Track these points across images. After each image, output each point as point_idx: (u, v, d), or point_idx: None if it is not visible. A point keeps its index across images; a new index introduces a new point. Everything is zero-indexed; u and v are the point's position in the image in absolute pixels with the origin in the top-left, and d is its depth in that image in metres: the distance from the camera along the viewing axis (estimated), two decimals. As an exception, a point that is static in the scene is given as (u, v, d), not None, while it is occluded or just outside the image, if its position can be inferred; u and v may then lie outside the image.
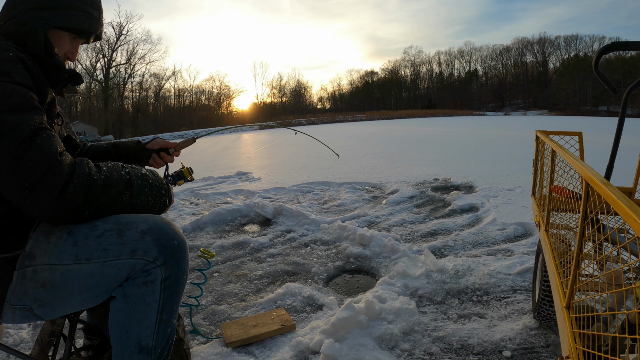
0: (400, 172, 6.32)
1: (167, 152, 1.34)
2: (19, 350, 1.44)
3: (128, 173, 0.96)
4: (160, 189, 1.02)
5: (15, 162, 0.79)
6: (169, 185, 1.07)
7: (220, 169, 8.11)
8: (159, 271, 0.94)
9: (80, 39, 1.10)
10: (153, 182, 1.00)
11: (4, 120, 0.80)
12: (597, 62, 1.57)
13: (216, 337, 1.79)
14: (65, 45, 1.06)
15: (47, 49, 0.98)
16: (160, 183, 1.03)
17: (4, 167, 0.80)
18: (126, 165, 0.99)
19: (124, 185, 0.93)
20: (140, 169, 1.01)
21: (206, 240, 3.24)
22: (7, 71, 0.85)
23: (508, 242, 2.91)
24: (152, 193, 0.99)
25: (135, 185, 0.95)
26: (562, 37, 61.26)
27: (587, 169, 0.80)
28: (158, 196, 1.01)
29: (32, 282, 0.88)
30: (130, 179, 0.95)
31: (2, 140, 0.79)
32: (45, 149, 0.83)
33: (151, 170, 1.05)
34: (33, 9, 0.98)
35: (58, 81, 1.02)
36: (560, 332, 0.91)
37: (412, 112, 51.26)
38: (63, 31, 1.04)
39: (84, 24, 1.05)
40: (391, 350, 1.61)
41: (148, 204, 0.99)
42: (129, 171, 0.97)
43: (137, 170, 0.99)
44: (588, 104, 49.43)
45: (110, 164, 0.95)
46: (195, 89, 59.94)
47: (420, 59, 70.92)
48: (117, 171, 0.94)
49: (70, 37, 1.06)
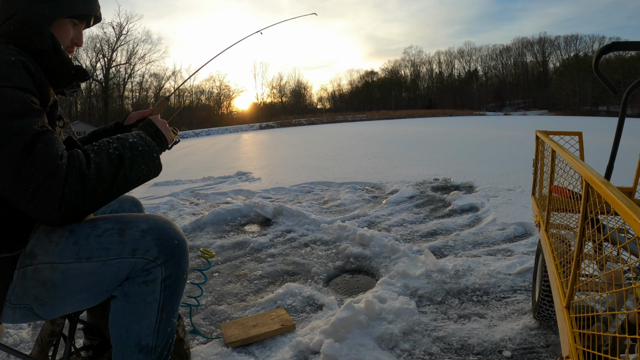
0: (400, 172, 6.32)
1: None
2: (19, 350, 1.45)
3: (116, 149, 0.92)
4: (151, 153, 0.99)
5: (18, 168, 0.79)
6: (161, 142, 1.05)
7: (220, 169, 8.11)
8: (159, 270, 0.94)
9: (81, 23, 1.10)
10: (143, 149, 0.97)
11: (5, 127, 0.80)
12: (597, 62, 1.57)
13: (216, 337, 1.79)
14: (69, 33, 1.06)
15: (54, 44, 0.98)
16: (150, 146, 1.00)
17: (7, 173, 0.79)
18: (112, 139, 0.95)
19: (116, 164, 0.90)
20: (127, 138, 0.98)
21: (206, 240, 3.24)
22: (7, 76, 0.84)
23: (508, 242, 2.91)
24: (144, 161, 0.96)
25: (126, 160, 0.92)
26: (562, 37, 61.32)
27: (587, 169, 0.80)
28: (151, 161, 0.98)
29: (33, 281, 0.88)
30: (120, 155, 0.92)
31: (4, 147, 0.79)
32: (46, 153, 0.82)
33: (138, 134, 1.01)
34: (31, 4, 0.97)
35: (63, 79, 1.02)
36: (560, 332, 0.91)
37: (412, 112, 51.25)
38: (65, 19, 1.04)
39: (83, 8, 1.05)
40: (391, 350, 1.61)
41: (143, 173, 0.96)
42: (116, 146, 0.93)
43: (123, 141, 0.96)
44: (588, 104, 49.42)
45: (97, 146, 0.92)
46: (195, 89, 59.97)
47: (420, 59, 70.97)
48: (104, 152, 0.91)
49: (72, 23, 1.06)
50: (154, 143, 1.02)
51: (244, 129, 40.61)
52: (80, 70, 1.05)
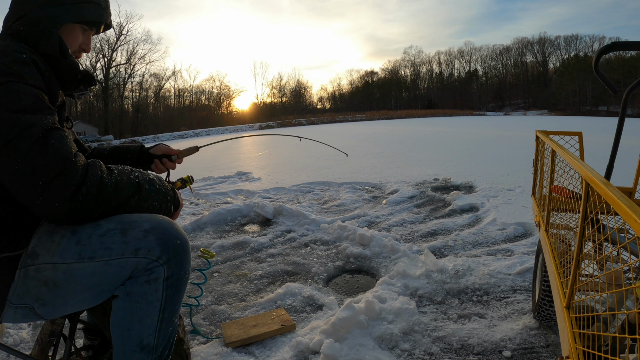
0: (400, 172, 6.32)
1: (170, 158, 1.35)
2: (19, 350, 1.45)
3: (137, 177, 0.96)
4: (166, 195, 1.03)
5: (29, 161, 0.79)
6: (174, 191, 1.08)
7: (220, 169, 8.11)
8: (161, 270, 0.94)
9: (91, 30, 1.10)
10: (160, 188, 1.01)
11: (17, 120, 0.81)
12: (597, 62, 1.57)
13: (216, 337, 1.79)
14: (78, 38, 1.07)
15: (61, 49, 0.98)
16: (166, 189, 1.03)
17: (17, 165, 0.80)
18: (135, 169, 0.99)
19: (134, 189, 0.94)
20: (148, 174, 1.02)
21: (206, 240, 3.24)
22: (19, 73, 0.85)
23: (508, 242, 2.91)
24: (158, 198, 1.00)
25: (143, 190, 0.96)
26: (562, 37, 61.39)
27: (587, 169, 0.80)
28: (164, 201, 1.02)
29: (35, 280, 0.88)
30: (139, 183, 0.95)
31: (16, 140, 0.80)
32: (59, 150, 0.83)
33: (157, 176, 1.06)
34: (42, 6, 0.98)
35: (70, 82, 1.02)
36: (560, 332, 0.91)
37: (412, 112, 51.22)
38: (74, 24, 1.04)
39: (93, 15, 1.06)
40: (391, 350, 1.62)
41: (154, 209, 0.99)
42: (137, 175, 0.97)
43: (145, 175, 1.00)
44: (588, 104, 49.42)
45: (121, 167, 0.96)
46: (195, 89, 59.98)
47: (420, 59, 71.01)
48: (126, 175, 0.94)
49: (81, 29, 1.07)
50: (170, 189, 1.06)
51: (244, 129, 40.61)
52: (88, 75, 1.06)
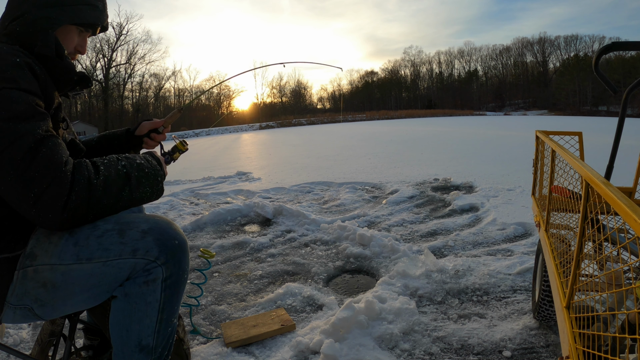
0: (400, 172, 6.32)
1: (157, 131, 1.33)
2: (19, 350, 1.45)
3: (124, 167, 0.94)
4: (156, 177, 1.01)
5: (21, 172, 0.79)
6: (161, 164, 1.07)
7: (220, 169, 8.11)
8: (160, 270, 0.94)
9: (87, 32, 1.10)
10: (149, 171, 0.99)
11: (9, 129, 0.80)
12: (597, 62, 1.57)
13: (216, 337, 1.79)
14: (74, 40, 1.06)
15: (57, 50, 0.98)
16: (155, 170, 1.01)
17: (10, 177, 0.79)
18: (121, 157, 0.97)
19: (123, 181, 0.92)
20: (135, 158, 1.00)
21: (206, 240, 3.24)
22: (13, 78, 0.84)
23: (508, 242, 2.91)
24: (149, 183, 0.98)
25: (132, 179, 0.94)
26: (562, 37, 61.38)
27: (587, 169, 0.80)
28: (155, 184, 1.00)
29: (33, 282, 0.88)
30: (127, 173, 0.93)
31: (8, 150, 0.79)
32: (50, 159, 0.82)
33: (144, 157, 1.04)
34: (40, 7, 0.97)
35: (66, 84, 1.02)
36: (560, 332, 0.91)
37: (412, 112, 51.23)
38: (70, 25, 1.04)
39: (90, 17, 1.06)
40: (391, 350, 1.61)
41: (147, 194, 0.98)
42: (124, 164, 0.95)
43: (131, 161, 0.98)
44: (588, 104, 49.42)
45: (107, 160, 0.94)
46: (195, 89, 59.96)
47: (420, 59, 71.02)
48: (114, 167, 0.92)
49: (77, 30, 1.07)
50: (159, 167, 1.04)
51: (244, 129, 40.60)
52: (84, 76, 1.05)
